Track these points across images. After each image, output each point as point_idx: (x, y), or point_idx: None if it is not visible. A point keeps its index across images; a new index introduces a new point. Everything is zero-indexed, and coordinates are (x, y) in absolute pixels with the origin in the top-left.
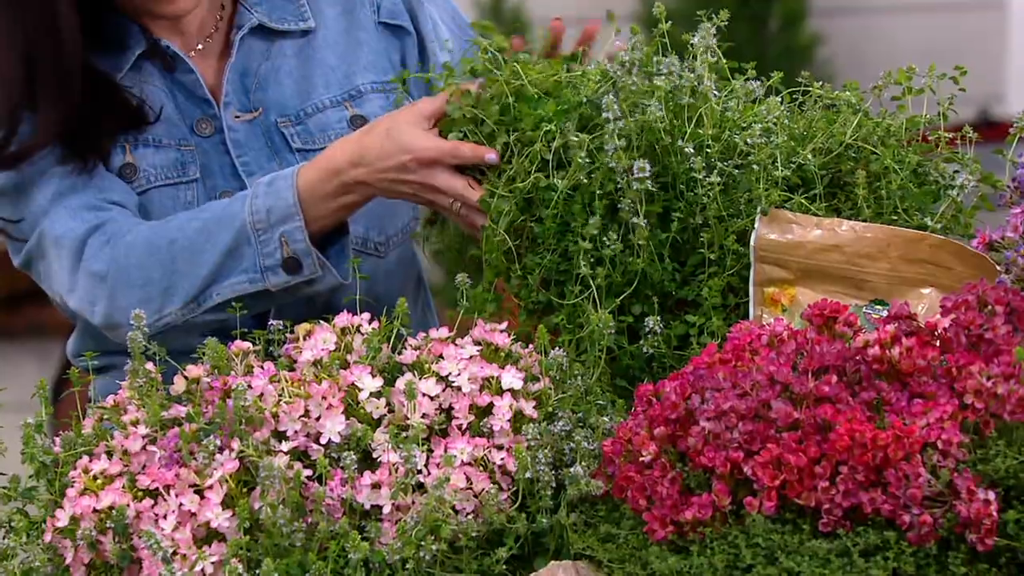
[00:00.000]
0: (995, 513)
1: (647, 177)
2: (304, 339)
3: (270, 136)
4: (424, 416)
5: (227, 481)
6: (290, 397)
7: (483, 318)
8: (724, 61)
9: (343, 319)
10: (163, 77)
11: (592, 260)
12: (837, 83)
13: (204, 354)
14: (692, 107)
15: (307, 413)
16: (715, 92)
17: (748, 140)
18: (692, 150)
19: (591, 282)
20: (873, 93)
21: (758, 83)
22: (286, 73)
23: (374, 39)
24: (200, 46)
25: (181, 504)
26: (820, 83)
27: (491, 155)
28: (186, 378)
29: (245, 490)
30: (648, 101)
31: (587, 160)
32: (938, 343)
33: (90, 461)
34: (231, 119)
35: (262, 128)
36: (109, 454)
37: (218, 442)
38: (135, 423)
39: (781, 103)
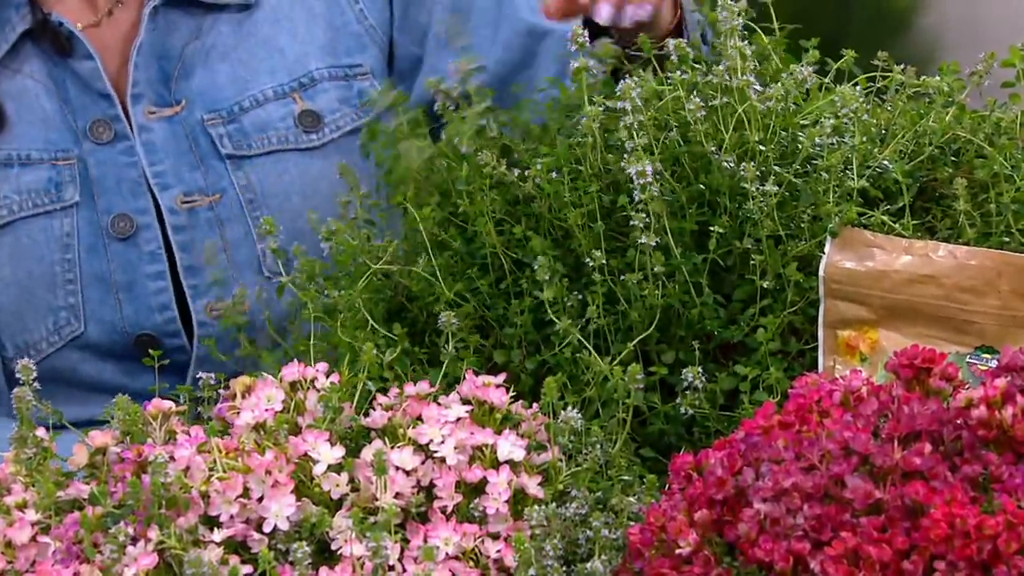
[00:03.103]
0: None
1: (649, 183)
2: (242, 396)
3: (195, 138)
4: (398, 496)
5: None
6: (224, 472)
7: None
8: (765, 41)
9: (292, 371)
10: (50, 65)
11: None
12: (946, 58)
13: (112, 416)
14: (726, 108)
15: (246, 492)
16: (756, 87)
17: (817, 140)
18: (732, 163)
19: (572, 328)
20: (972, 80)
21: (808, 70)
22: (219, 56)
23: (334, 9)
24: (95, 19)
25: None
26: (903, 65)
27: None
28: (89, 447)
29: None
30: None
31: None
32: None
33: None
34: (143, 116)
35: (184, 128)
36: None
37: (131, 531)
38: (22, 506)
39: (860, 92)
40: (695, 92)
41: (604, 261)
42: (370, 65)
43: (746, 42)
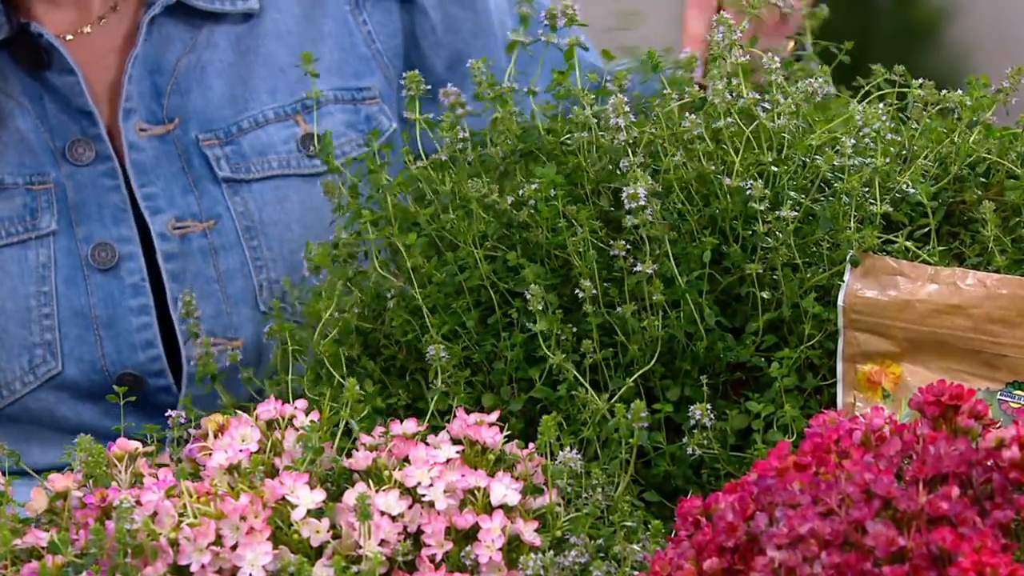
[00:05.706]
0: None
1: (643, 206)
2: (215, 436)
3: (188, 159)
4: (383, 543)
5: None
6: (195, 517)
7: None
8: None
9: (269, 408)
10: (26, 79)
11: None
12: (978, 70)
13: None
14: (733, 129)
15: (219, 540)
16: (764, 104)
17: (835, 162)
18: (746, 186)
19: (565, 364)
20: (998, 98)
21: (820, 80)
22: (216, 72)
23: (342, 29)
24: (88, 28)
25: None
26: (920, 80)
27: None
28: (49, 492)
29: None
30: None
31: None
32: None
33: None
34: (134, 133)
35: (177, 147)
36: None
37: None
38: None
39: (882, 110)
40: (694, 112)
41: (595, 291)
42: (378, 89)
43: (747, 56)
